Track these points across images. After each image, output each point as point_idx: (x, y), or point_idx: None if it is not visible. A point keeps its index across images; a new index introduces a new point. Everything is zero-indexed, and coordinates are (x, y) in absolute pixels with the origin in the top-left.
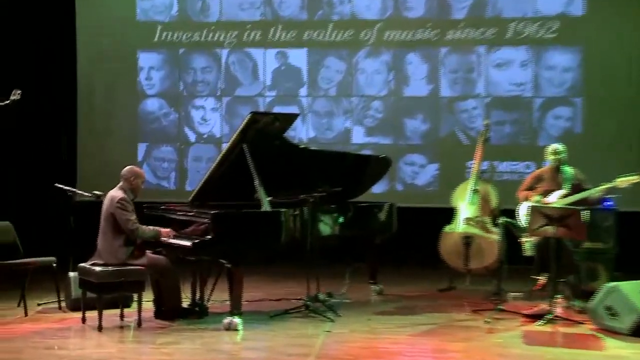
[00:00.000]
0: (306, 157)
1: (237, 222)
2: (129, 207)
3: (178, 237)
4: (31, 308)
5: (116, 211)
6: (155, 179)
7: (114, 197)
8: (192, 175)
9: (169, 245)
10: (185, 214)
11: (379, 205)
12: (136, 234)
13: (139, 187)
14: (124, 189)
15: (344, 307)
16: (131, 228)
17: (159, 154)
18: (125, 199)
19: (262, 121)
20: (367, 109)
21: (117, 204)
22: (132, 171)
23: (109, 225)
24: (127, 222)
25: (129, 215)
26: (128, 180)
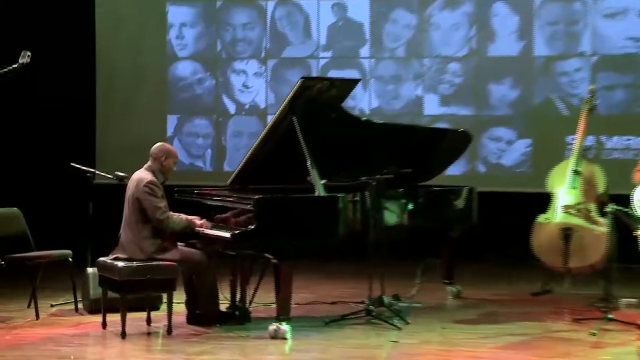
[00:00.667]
0: (368, 132)
1: (285, 209)
2: (159, 192)
3: (215, 227)
4: (43, 310)
5: (143, 196)
6: (187, 158)
7: (140, 179)
8: (232, 154)
9: (204, 237)
10: (224, 200)
11: (456, 190)
12: (165, 225)
13: (171, 169)
14: (152, 170)
15: (413, 312)
16: (160, 217)
17: (192, 128)
18: (154, 182)
19: (316, 88)
20: (443, 73)
21: (145, 188)
22: (164, 149)
23: (134, 213)
24: (156, 210)
25: (158, 202)
26: (158, 159)
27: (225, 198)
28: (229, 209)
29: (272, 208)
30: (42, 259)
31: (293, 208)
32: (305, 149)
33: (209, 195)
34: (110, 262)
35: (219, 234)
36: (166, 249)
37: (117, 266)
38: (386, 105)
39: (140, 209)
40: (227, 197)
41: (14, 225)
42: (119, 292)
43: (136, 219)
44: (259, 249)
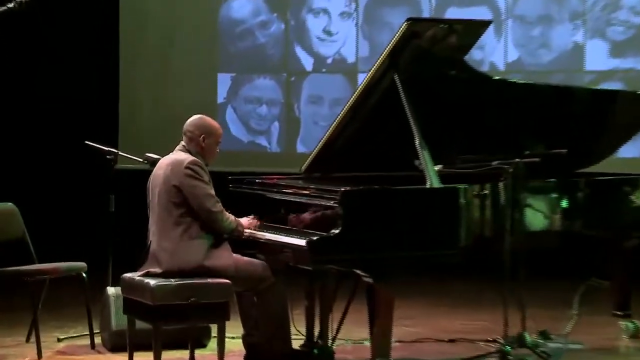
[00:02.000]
0: (503, 96)
1: (384, 206)
2: (205, 176)
3: (283, 231)
4: (48, 346)
5: (186, 181)
6: (246, 134)
7: (177, 161)
8: (308, 128)
9: (267, 245)
10: (297, 193)
11: (633, 181)
12: (220, 220)
13: (213, 151)
14: (190, 151)
15: (569, 356)
16: (212, 208)
17: (253, 91)
18: (198, 162)
19: (428, 35)
20: (612, 11)
21: (187, 171)
22: (203, 125)
23: (170, 209)
24: (207, 199)
25: (208, 188)
26: (195, 140)
27: (298, 191)
28: (305, 207)
29: (364, 205)
30: (46, 274)
31: (394, 205)
32: (412, 121)
33: (276, 186)
34: (139, 279)
35: (289, 240)
36: (218, 255)
37: (149, 285)
38: (529, 57)
39: (180, 202)
40: (302, 190)
41: (8, 227)
42: (151, 321)
43: (173, 218)
44: (345, 263)
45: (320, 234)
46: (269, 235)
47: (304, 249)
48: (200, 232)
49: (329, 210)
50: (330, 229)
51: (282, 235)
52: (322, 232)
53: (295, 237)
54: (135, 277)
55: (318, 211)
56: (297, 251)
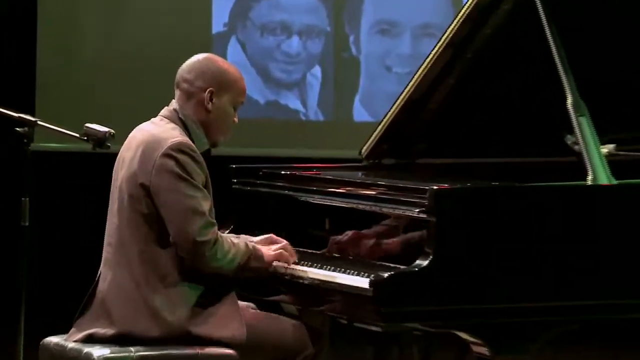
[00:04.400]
0: None
1: (512, 216)
2: (198, 173)
3: (328, 263)
4: None
5: (159, 180)
6: (264, 89)
7: (154, 139)
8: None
9: (301, 290)
10: (352, 194)
11: None
12: (208, 256)
13: (226, 121)
14: (184, 121)
15: None
16: (197, 237)
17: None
18: (187, 147)
19: None
20: None
21: (166, 160)
22: (208, 69)
23: (135, 222)
24: (191, 218)
25: (196, 198)
26: (194, 95)
27: (355, 190)
28: (367, 219)
29: (475, 215)
30: None
31: (532, 215)
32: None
33: (314, 182)
34: (74, 347)
35: (339, 280)
36: (216, 315)
37: (92, 357)
38: None
39: (149, 214)
40: (361, 189)
41: None
42: None
43: (139, 240)
44: (440, 320)
45: (396, 267)
46: (314, 272)
47: (367, 295)
48: (184, 272)
49: (410, 225)
50: (413, 258)
51: (330, 270)
52: (399, 265)
53: (349, 272)
54: (68, 343)
55: (390, 227)
56: (354, 299)
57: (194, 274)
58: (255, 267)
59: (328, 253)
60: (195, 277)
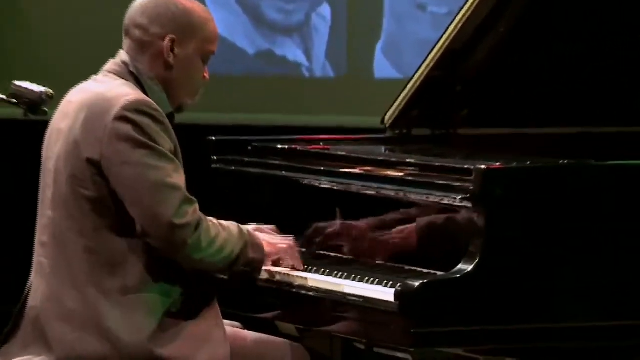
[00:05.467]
0: None
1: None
2: (163, 138)
3: (340, 266)
4: None
5: (114, 151)
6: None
7: (101, 100)
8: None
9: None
10: (372, 175)
11: None
12: (194, 246)
13: (194, 76)
14: (137, 76)
15: None
16: (174, 219)
17: None
18: (146, 106)
19: None
20: None
21: (121, 124)
22: (167, 11)
23: (79, 212)
24: (161, 195)
25: (164, 169)
26: (149, 44)
27: (373, 170)
28: (391, 208)
29: (537, 201)
30: None
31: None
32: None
33: (322, 159)
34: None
35: (354, 290)
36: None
37: None
38: None
39: (99, 198)
40: (384, 168)
41: None
42: None
43: (84, 236)
44: (488, 345)
45: (430, 273)
46: (320, 279)
47: (392, 311)
48: (150, 272)
49: (450, 217)
50: (453, 262)
51: (342, 278)
52: (434, 270)
53: (367, 281)
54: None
55: (422, 220)
56: (374, 316)
57: (163, 274)
58: (252, 260)
59: (340, 255)
60: (164, 279)
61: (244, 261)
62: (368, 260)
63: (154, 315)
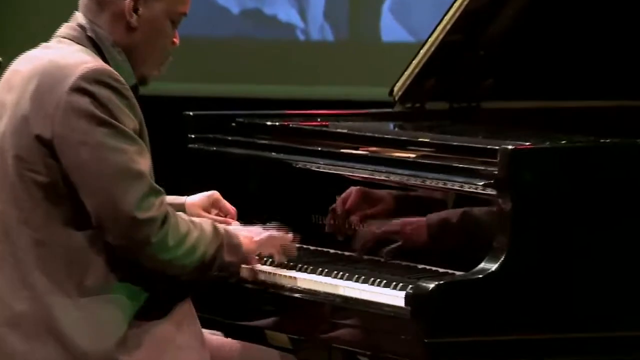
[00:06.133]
0: None
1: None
2: (126, 114)
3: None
4: None
5: (69, 128)
6: None
7: (54, 68)
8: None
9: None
10: (373, 157)
11: None
12: (155, 242)
13: (160, 42)
14: (95, 41)
15: None
16: (135, 212)
17: None
18: (109, 74)
19: None
20: None
21: (78, 96)
22: None
23: (26, 199)
24: (123, 183)
25: (126, 151)
26: (108, 5)
27: (380, 152)
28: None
29: (576, 187)
30: None
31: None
32: None
33: (318, 138)
34: None
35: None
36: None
37: None
38: None
39: (51, 184)
40: (390, 149)
41: None
42: None
43: (36, 218)
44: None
45: (448, 273)
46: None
47: (403, 318)
48: (114, 270)
49: (470, 207)
50: (475, 259)
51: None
52: (452, 270)
53: (373, 282)
54: None
55: (438, 210)
56: (382, 323)
57: (129, 273)
58: (229, 264)
59: (340, 251)
60: (131, 278)
61: (219, 265)
62: (374, 257)
63: (119, 320)
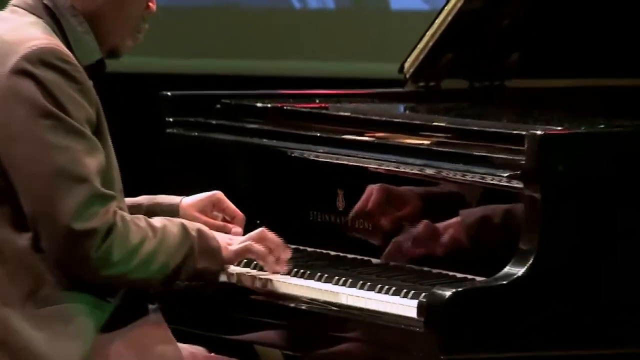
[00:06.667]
0: None
1: None
2: (71, 101)
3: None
4: None
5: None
6: None
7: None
8: None
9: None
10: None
11: None
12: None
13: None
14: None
15: None
16: (73, 223)
17: None
18: (57, 53)
19: None
20: None
21: (21, 79)
22: None
23: None
24: (61, 188)
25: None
26: None
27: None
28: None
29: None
30: None
31: None
32: None
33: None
34: None
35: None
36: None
37: None
38: None
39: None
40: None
41: None
42: None
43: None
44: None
45: (467, 278)
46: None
47: (415, 330)
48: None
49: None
50: (499, 263)
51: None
52: (471, 274)
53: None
54: None
55: (456, 206)
56: (391, 337)
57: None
58: (202, 271)
59: (342, 254)
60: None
61: (188, 273)
62: (381, 260)
63: (82, 335)
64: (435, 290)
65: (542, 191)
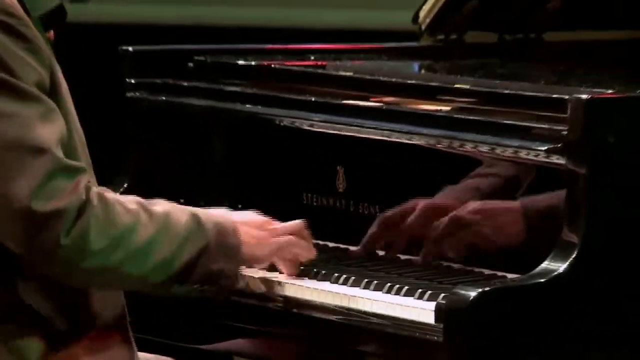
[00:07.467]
0: None
1: None
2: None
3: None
4: None
5: None
6: None
7: None
8: None
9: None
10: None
11: None
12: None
13: None
14: None
15: None
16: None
17: None
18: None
19: None
20: None
21: None
22: None
23: None
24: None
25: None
26: None
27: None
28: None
29: None
30: None
31: None
32: None
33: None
34: None
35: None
36: None
37: None
38: None
39: None
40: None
41: None
42: None
43: None
44: None
45: (496, 276)
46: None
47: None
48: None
49: (528, 183)
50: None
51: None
52: (501, 271)
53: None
54: None
55: (484, 187)
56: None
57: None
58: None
59: (344, 245)
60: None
61: (200, 275)
62: (391, 254)
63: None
64: (457, 290)
65: (589, 168)
